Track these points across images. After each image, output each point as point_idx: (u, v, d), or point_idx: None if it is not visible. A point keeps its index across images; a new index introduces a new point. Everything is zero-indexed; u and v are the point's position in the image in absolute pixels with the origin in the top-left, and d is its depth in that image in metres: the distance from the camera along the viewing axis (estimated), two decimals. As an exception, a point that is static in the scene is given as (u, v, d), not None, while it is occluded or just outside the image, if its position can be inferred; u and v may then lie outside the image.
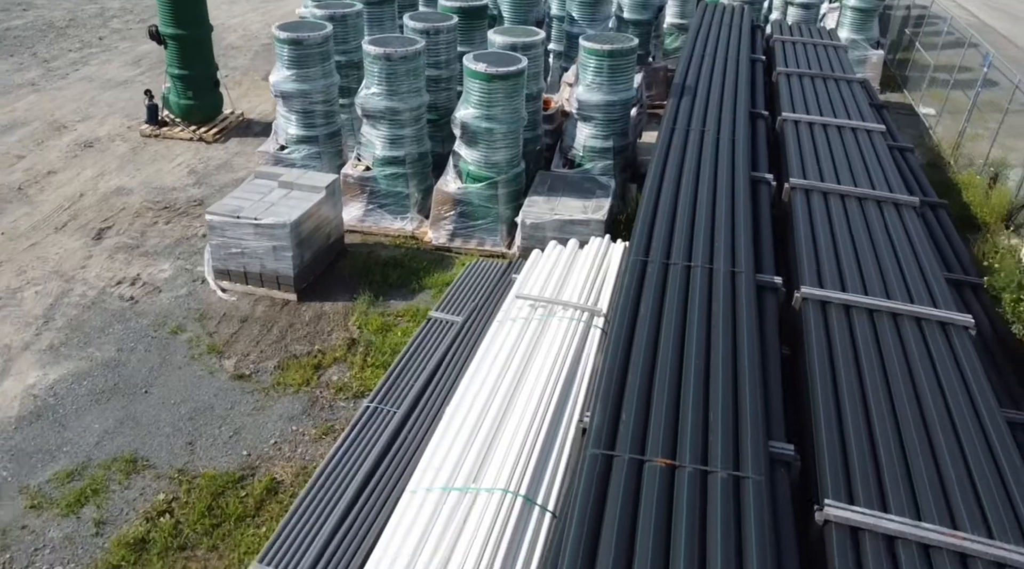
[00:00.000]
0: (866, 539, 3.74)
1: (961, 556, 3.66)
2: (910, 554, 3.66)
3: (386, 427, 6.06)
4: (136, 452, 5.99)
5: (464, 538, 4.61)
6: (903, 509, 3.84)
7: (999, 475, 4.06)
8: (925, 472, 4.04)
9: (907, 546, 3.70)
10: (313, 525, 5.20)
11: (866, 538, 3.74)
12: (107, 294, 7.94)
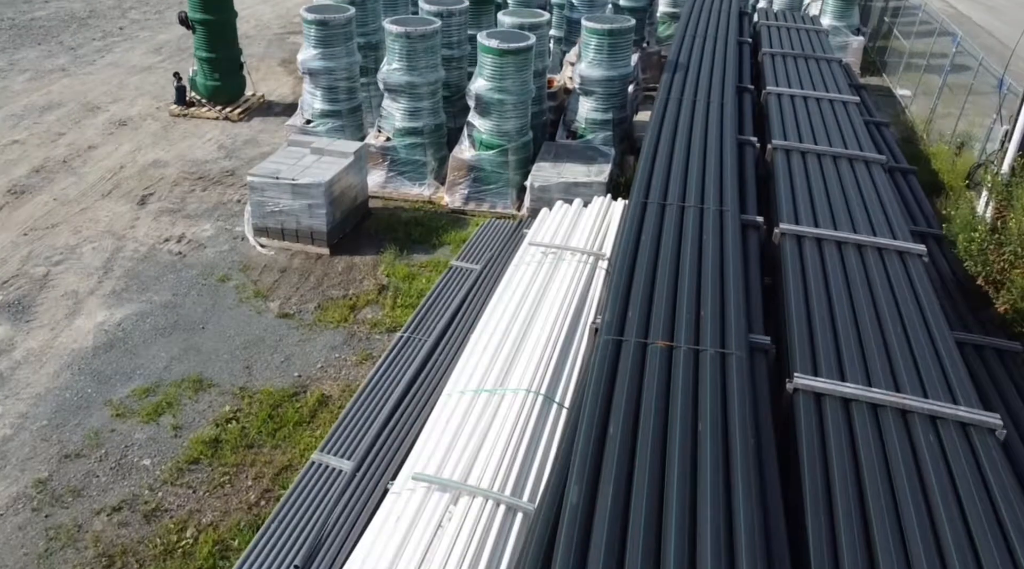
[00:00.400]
0: (826, 402, 4.64)
1: (902, 411, 4.57)
2: (861, 412, 4.57)
3: (418, 353, 6.96)
4: (201, 374, 6.86)
5: (494, 429, 5.49)
6: (857, 378, 4.75)
7: (936, 353, 4.99)
8: (876, 352, 4.96)
9: (859, 406, 4.61)
10: (363, 425, 6.10)
11: (826, 401, 4.65)
12: (157, 249, 8.80)
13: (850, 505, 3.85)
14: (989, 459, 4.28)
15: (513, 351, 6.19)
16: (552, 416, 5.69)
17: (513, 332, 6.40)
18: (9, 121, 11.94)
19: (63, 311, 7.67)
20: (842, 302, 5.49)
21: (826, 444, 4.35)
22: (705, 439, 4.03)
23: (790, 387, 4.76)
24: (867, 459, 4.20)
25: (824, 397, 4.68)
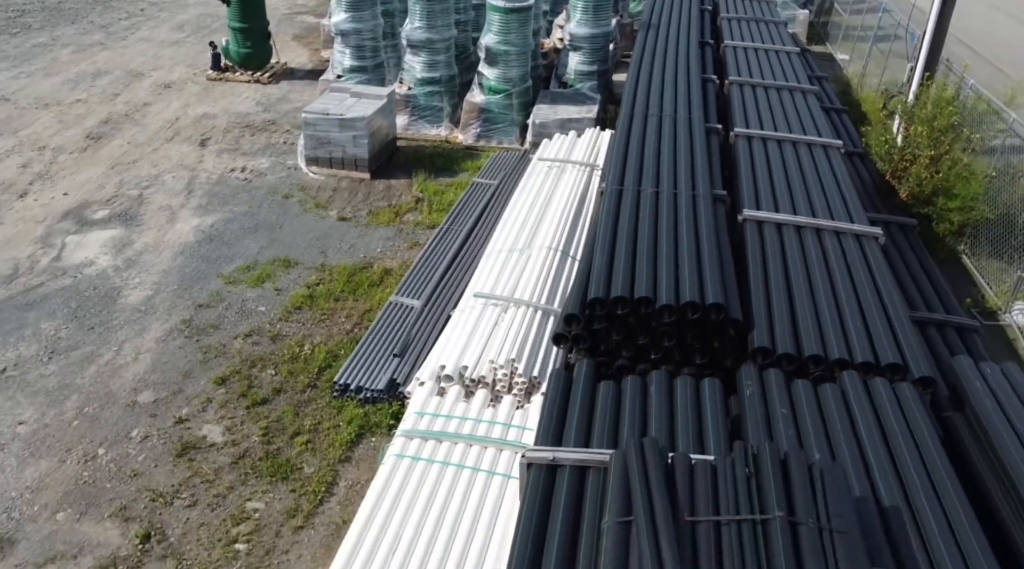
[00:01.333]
0: (765, 226, 6.71)
1: (816, 230, 6.66)
2: (789, 230, 6.64)
3: (456, 238, 8.94)
4: (287, 256, 8.76)
5: (528, 269, 7.49)
6: (787, 210, 6.84)
7: (839, 191, 7.11)
8: (802, 197, 7.05)
9: (788, 227, 6.68)
10: (424, 278, 8.08)
11: (765, 225, 6.71)
12: (226, 177, 10.64)
13: (779, 281, 5.89)
14: (873, 254, 6.40)
15: (535, 224, 8.21)
16: (568, 264, 7.71)
17: (534, 212, 8.43)
18: (68, 85, 13.63)
19: (163, 218, 9.50)
20: (779, 170, 7.59)
21: (764, 250, 6.40)
22: (683, 234, 6.07)
23: (740, 218, 6.83)
24: (791, 258, 6.25)
25: (764, 223, 6.76)
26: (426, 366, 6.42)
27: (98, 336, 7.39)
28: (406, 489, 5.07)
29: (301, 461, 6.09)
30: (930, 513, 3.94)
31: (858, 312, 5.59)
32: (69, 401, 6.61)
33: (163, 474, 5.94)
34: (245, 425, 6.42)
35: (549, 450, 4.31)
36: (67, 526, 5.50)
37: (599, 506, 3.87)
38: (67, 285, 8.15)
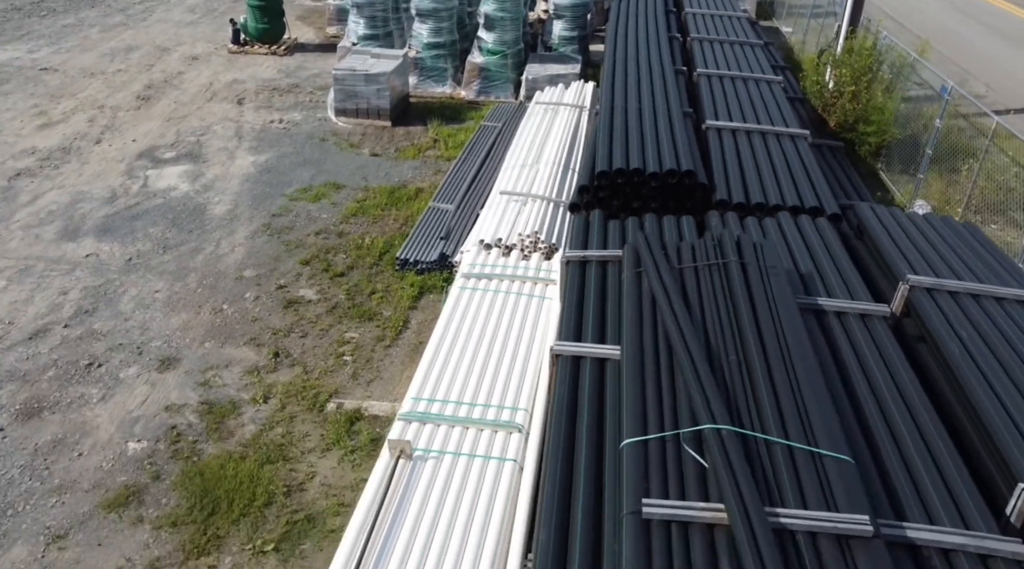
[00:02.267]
0: (723, 132, 8.80)
1: (762, 133, 8.78)
2: (741, 133, 8.75)
3: (474, 163, 10.94)
4: (335, 181, 10.67)
5: (538, 176, 9.49)
6: (739, 121, 8.96)
7: (780, 111, 9.27)
8: (751, 112, 9.18)
9: (740, 132, 8.79)
10: (454, 189, 10.04)
11: (723, 131, 8.81)
12: (267, 126, 12.48)
13: (733, 160, 8.00)
14: (801, 146, 8.55)
15: (541, 146, 10.25)
16: (569, 175, 9.76)
17: (539, 138, 10.47)
18: (105, 58, 15.29)
19: (224, 156, 11.33)
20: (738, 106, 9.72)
21: (722, 143, 8.49)
22: (662, 129, 8.15)
23: (704, 126, 8.93)
24: (742, 146, 8.36)
25: (722, 130, 8.86)
26: (469, 240, 8.41)
27: (197, 237, 9.24)
28: (471, 306, 7.05)
29: (379, 308, 8.04)
30: (830, 272, 6.08)
31: (789, 177, 7.75)
32: (189, 277, 8.46)
33: (276, 319, 7.84)
34: (331, 288, 8.34)
35: (581, 253, 6.35)
36: (214, 351, 7.38)
37: (618, 288, 5.89)
38: (160, 204, 9.96)
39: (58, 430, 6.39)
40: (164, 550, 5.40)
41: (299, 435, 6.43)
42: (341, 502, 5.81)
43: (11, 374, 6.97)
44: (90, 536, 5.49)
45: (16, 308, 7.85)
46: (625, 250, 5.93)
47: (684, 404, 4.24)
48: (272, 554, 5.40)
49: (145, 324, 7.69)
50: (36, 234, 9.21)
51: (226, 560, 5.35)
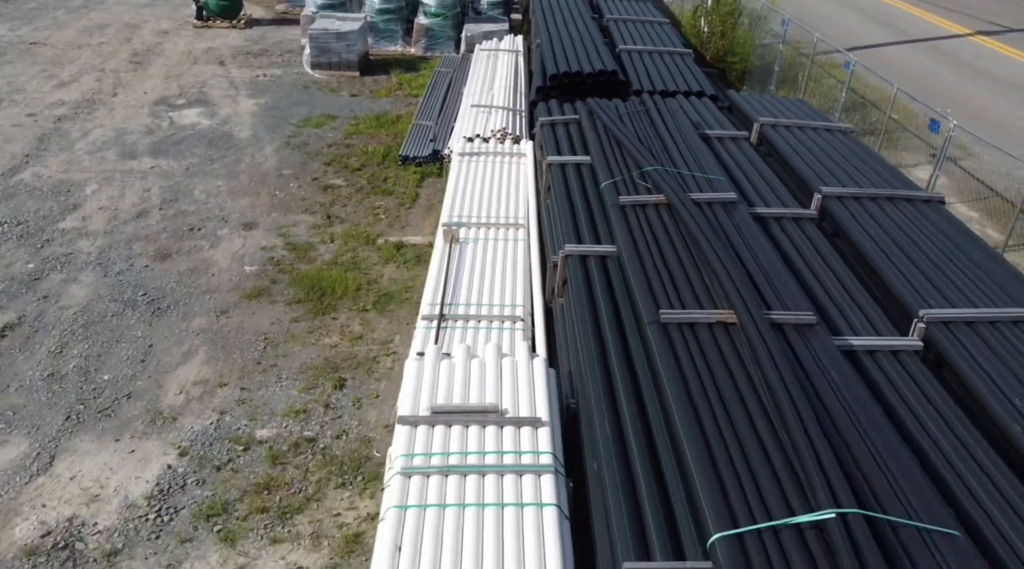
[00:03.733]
0: (632, 53, 12.05)
1: (659, 52, 12.09)
2: (644, 53, 12.04)
3: (439, 95, 13.82)
4: (329, 113, 13.32)
5: (495, 97, 12.52)
6: (641, 44, 12.24)
7: (669, 38, 12.65)
8: (648, 41, 12.48)
9: (643, 52, 12.08)
10: (430, 111, 12.91)
11: (632, 52, 12.06)
12: (255, 79, 14.93)
13: (640, 64, 11.26)
14: (686, 57, 11.93)
15: (491, 78, 13.26)
16: (521, 97, 12.82)
17: (488, 75, 13.48)
18: (84, 33, 17.19)
19: (228, 101, 13.75)
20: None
21: (631, 56, 11.74)
22: (590, 47, 11.32)
23: (616, 50, 12.16)
24: (644, 57, 11.63)
25: (631, 51, 12.11)
26: (452, 139, 11.33)
27: (234, 152, 11.75)
28: (469, 171, 9.96)
29: (394, 188, 10.86)
30: (714, 121, 9.39)
31: (680, 75, 11.09)
32: (241, 176, 11.00)
33: (320, 197, 10.53)
34: (353, 178, 11.09)
35: (551, 118, 9.40)
36: (280, 217, 10.01)
37: (583, 135, 8.95)
38: (191, 134, 12.37)
39: (189, 264, 8.91)
40: (297, 314, 8.10)
41: (362, 257, 9.21)
42: (406, 287, 8.65)
43: (135, 237, 9.39)
44: (243, 311, 8.12)
45: (115, 201, 10.21)
46: (581, 107, 9.05)
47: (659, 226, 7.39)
48: (371, 311, 8.20)
49: (220, 205, 10.23)
50: (101, 156, 11.47)
51: (342, 316, 8.11)
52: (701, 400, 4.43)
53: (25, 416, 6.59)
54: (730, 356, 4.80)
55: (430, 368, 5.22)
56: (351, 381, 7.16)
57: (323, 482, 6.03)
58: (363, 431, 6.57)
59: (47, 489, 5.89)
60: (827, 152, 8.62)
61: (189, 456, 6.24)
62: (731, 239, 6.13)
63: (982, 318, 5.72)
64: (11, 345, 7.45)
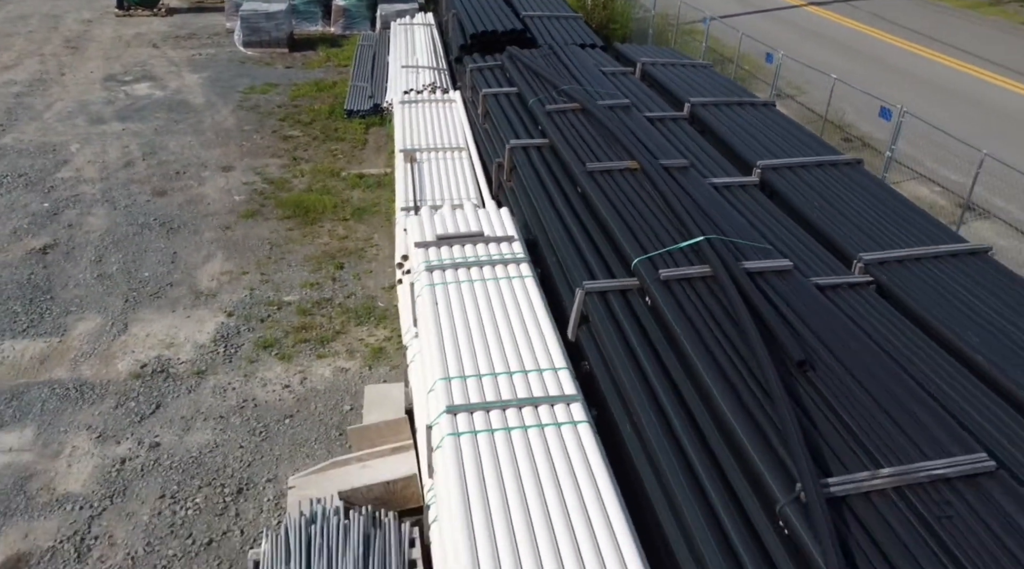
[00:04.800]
0: (536, 18, 14.42)
1: (555, 17, 14.51)
2: (544, 18, 14.42)
3: (367, 65, 15.75)
4: (270, 83, 15.00)
5: (419, 59, 14.63)
6: (541, 12, 14.62)
7: (563, 6, 15.11)
8: (549, 10, 14.89)
9: (543, 16, 14.46)
10: (363, 75, 14.83)
11: (536, 17, 14.42)
12: (192, 58, 16.35)
13: (542, 28, 13.63)
14: (578, 20, 14.41)
15: (412, 47, 15.33)
16: (440, 59, 14.95)
17: (408, 44, 15.54)
18: (8, 24, 18.01)
19: (173, 76, 15.19)
20: (532, 2, 15.40)
21: (533, 19, 14.11)
22: (499, 13, 13.60)
23: (522, 15, 14.50)
24: (546, 22, 14.04)
25: (534, 16, 14.50)
26: (388, 95, 13.34)
27: (194, 115, 13.31)
28: (414, 114, 12.02)
29: (345, 135, 12.76)
30: (604, 61, 11.85)
31: (574, 31, 13.54)
32: (207, 133, 12.62)
33: (282, 144, 12.31)
34: (307, 129, 12.91)
35: (480, 63, 11.60)
36: (253, 161, 11.74)
37: (507, 75, 11.19)
38: (149, 102, 13.80)
39: (184, 198, 10.56)
40: (290, 225, 9.96)
41: (331, 185, 11.12)
42: (373, 204, 10.64)
43: (129, 181, 10.93)
44: (244, 226, 9.90)
45: (100, 156, 11.64)
46: (502, 56, 11.31)
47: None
48: (350, 220, 10.15)
49: (196, 155, 11.85)
50: (72, 123, 12.79)
51: (327, 225, 10.02)
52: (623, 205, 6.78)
53: (90, 302, 8.21)
54: (638, 188, 7.15)
55: (427, 216, 7.32)
56: (348, 264, 9.13)
57: (345, 323, 8.02)
58: (367, 292, 8.58)
59: (131, 343, 7.60)
60: (689, 79, 11.28)
61: (235, 316, 8.07)
62: (628, 125, 8.52)
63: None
64: (56, 259, 8.97)
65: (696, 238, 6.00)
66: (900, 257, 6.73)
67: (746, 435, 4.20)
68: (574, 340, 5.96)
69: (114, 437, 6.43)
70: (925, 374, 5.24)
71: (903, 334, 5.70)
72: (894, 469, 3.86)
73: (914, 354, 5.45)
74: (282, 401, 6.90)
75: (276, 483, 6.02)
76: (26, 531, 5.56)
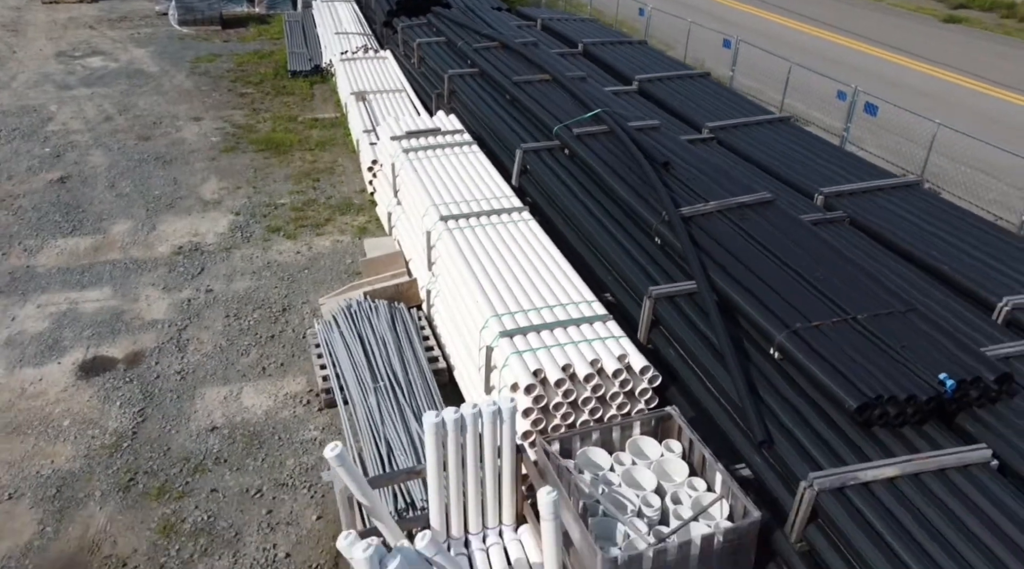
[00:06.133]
0: (445, -10, 16.84)
1: (464, -12, 16.99)
2: (454, -10, 16.87)
3: (298, 36, 17.75)
4: (214, 54, 16.79)
5: (347, 28, 16.82)
6: (451, -17, 17.07)
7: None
8: (455, -20, 17.36)
9: (453, -11, 16.91)
10: (298, 43, 16.86)
11: (445, -11, 16.85)
12: (133, 36, 17.90)
13: None
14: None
15: (339, 19, 17.47)
16: (365, 27, 17.17)
17: (334, 17, 17.66)
18: (-60, 12, 18.93)
19: (121, 51, 16.76)
20: None
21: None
22: (418, -16, 15.99)
23: (435, -12, 16.90)
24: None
25: (444, -11, 16.92)
26: (325, 58, 15.46)
27: (153, 80, 15.04)
28: (356, 70, 14.22)
29: (294, 90, 14.83)
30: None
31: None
32: (170, 93, 14.41)
33: (239, 100, 14.27)
34: (259, 87, 14.90)
35: (408, 22, 13.92)
36: (218, 113, 13.65)
37: (433, 28, 13.56)
38: (107, 72, 15.40)
39: (168, 141, 12.44)
40: (266, 155, 12.03)
41: (292, 127, 13.21)
42: (331, 139, 12.81)
43: (113, 131, 12.68)
44: (227, 158, 11.90)
45: (79, 113, 13.30)
46: (429, 16, 13.72)
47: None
48: (316, 150, 12.31)
49: (165, 110, 13.67)
50: (42, 89, 14.30)
51: (296, 154, 12.14)
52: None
53: (117, 212, 10.11)
54: (550, 91, 9.75)
55: (396, 121, 9.67)
56: (322, 178, 11.33)
57: (331, 214, 10.25)
58: (343, 195, 10.82)
59: (163, 235, 9.58)
60: (579, 29, 14.14)
61: (241, 214, 10.16)
62: (538, 55, 11.11)
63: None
64: (74, 186, 10.76)
65: (595, 111, 8.64)
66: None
67: (632, 198, 6.85)
68: (517, 186, 8.48)
69: (176, 288, 8.49)
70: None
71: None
72: (716, 202, 6.59)
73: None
74: (298, 261, 9.11)
75: (309, 304, 8.26)
76: (134, 340, 7.60)
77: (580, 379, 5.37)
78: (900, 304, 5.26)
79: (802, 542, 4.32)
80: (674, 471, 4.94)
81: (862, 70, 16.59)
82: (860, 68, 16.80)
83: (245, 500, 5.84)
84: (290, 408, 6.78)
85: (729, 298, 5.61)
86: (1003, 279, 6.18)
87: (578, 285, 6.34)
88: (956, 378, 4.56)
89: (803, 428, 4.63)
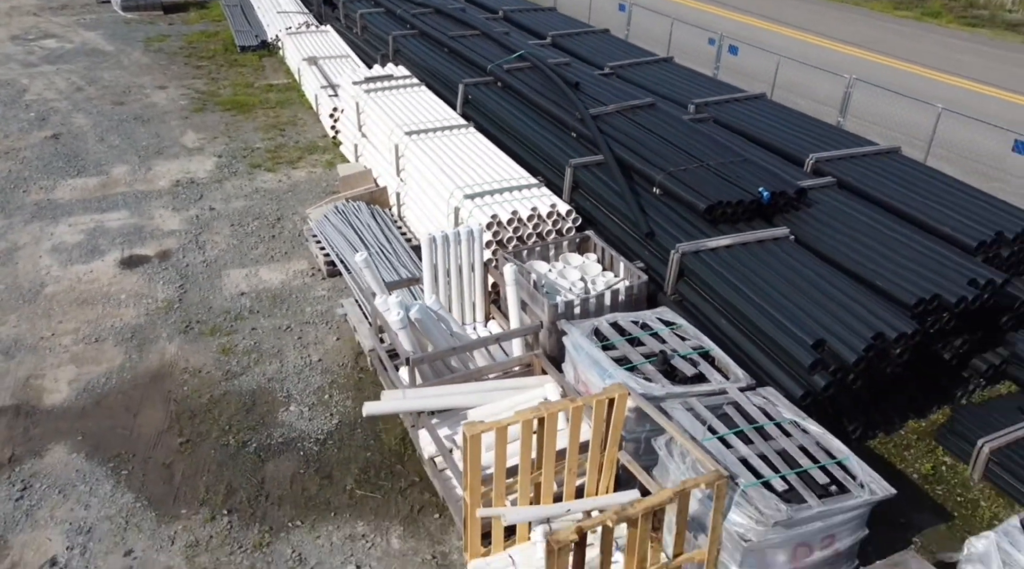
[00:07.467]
0: None
1: (392, -31, 18.95)
2: (384, -29, 18.83)
3: (239, 16, 19.36)
4: (162, 35, 18.26)
5: (291, 9, 18.58)
6: (380, -35, 19.02)
7: None
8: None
9: None
10: (240, 24, 18.49)
11: None
12: (80, 21, 19.14)
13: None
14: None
15: (278, 1, 19.20)
16: (306, 11, 18.95)
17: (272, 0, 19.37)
18: None
19: (72, 33, 18.03)
20: None
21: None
22: (352, -34, 17.89)
23: (366, -30, 18.80)
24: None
25: None
26: (271, 33, 17.19)
27: (112, 58, 16.46)
28: (307, 40, 16.01)
29: (245, 63, 16.53)
30: None
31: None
32: (131, 67, 15.90)
33: (197, 72, 15.88)
34: (212, 60, 16.52)
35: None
36: (180, 83, 15.26)
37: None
38: (66, 52, 16.72)
39: (140, 105, 14.02)
40: (233, 113, 13.77)
41: (251, 92, 14.96)
42: (288, 99, 14.62)
43: (88, 98, 14.17)
44: (199, 117, 13.60)
45: (51, 86, 14.69)
46: (366, -10, 15.70)
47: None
48: (276, 109, 14.11)
49: (131, 81, 15.19)
50: (8, 67, 15.57)
51: (259, 112, 13.93)
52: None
53: (113, 158, 11.74)
54: (481, 42, 11.93)
55: (350, 73, 11.64)
56: (287, 129, 13.19)
57: (302, 154, 12.16)
58: (309, 140, 12.72)
59: (160, 174, 11.30)
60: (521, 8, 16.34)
61: (223, 157, 11.95)
62: (468, 17, 13.27)
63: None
64: (68, 140, 12.30)
65: (519, 52, 10.87)
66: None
67: (553, 107, 9.14)
68: (462, 114, 10.62)
69: (183, 209, 10.28)
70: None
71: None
72: (615, 105, 8.93)
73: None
74: (281, 187, 11.02)
75: (299, 214, 10.20)
76: (160, 243, 9.39)
77: (523, 219, 7.58)
78: (738, 157, 7.68)
79: (676, 294, 6.65)
80: (592, 270, 7.21)
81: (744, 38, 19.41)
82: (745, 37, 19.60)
83: (280, 332, 7.80)
84: (300, 279, 8.75)
85: (624, 161, 7.92)
86: (811, 144, 8.72)
87: (516, 168, 8.56)
88: (770, 190, 6.98)
89: (674, 227, 6.97)
